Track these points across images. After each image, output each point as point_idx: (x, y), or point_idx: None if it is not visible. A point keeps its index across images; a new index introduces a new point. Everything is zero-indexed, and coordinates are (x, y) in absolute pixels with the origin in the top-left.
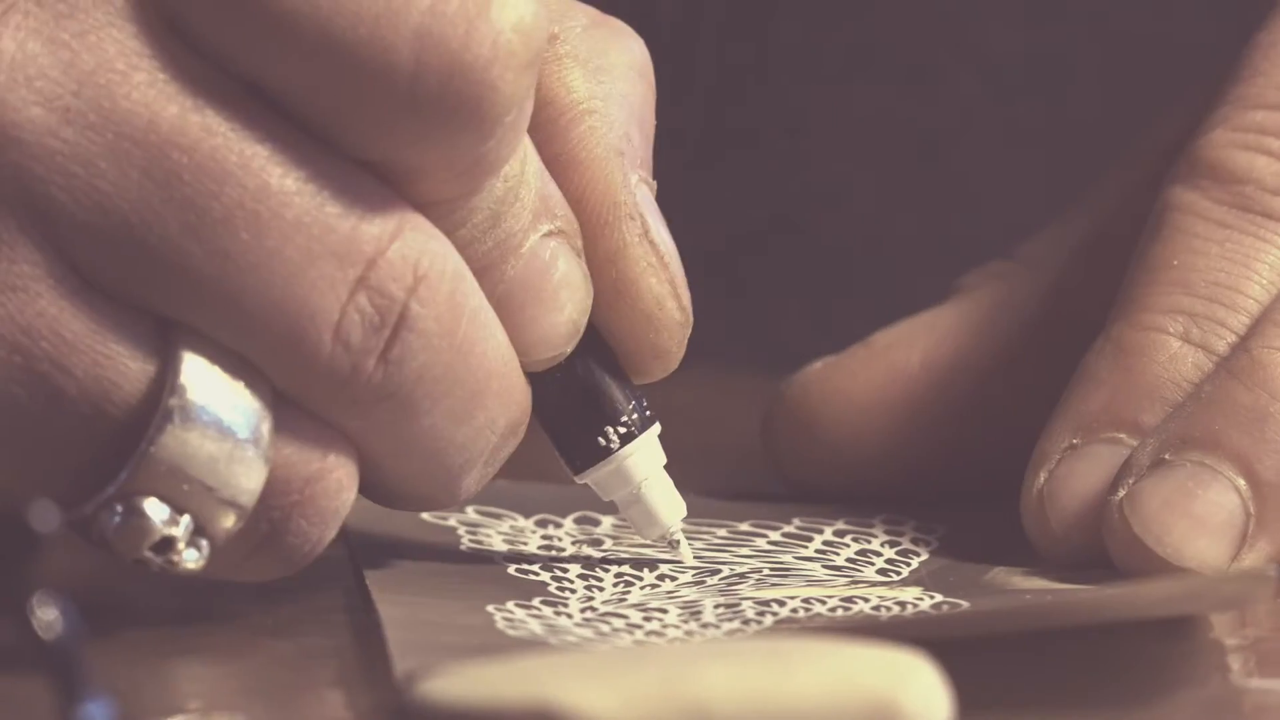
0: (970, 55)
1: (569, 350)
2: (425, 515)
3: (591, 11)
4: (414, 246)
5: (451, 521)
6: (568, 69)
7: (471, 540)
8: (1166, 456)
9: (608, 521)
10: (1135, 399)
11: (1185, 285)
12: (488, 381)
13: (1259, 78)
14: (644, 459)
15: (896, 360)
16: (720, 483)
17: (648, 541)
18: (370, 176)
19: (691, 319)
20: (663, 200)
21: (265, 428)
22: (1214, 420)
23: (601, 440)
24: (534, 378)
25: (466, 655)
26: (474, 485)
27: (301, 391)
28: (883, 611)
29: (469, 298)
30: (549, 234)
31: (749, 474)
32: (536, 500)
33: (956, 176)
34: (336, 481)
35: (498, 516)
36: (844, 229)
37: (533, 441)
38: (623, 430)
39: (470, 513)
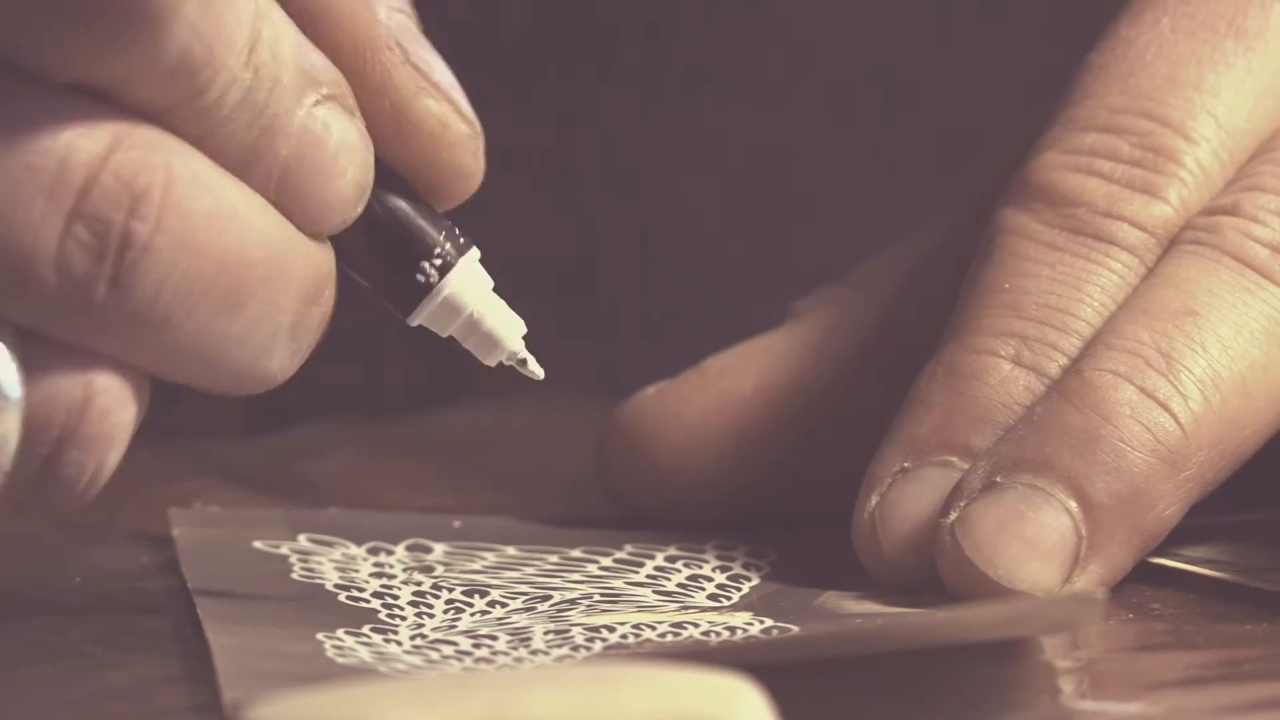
0: (811, 74)
1: (359, 210)
2: (257, 543)
3: None
4: (129, 165)
5: (284, 550)
6: None
7: (303, 568)
8: (998, 479)
9: (439, 549)
10: (966, 422)
11: (1016, 308)
12: (250, 270)
13: (1090, 99)
14: (468, 286)
15: (729, 385)
16: (553, 508)
17: (490, 364)
18: (75, 101)
19: (480, 131)
20: (507, 221)
21: (12, 369)
22: (1045, 442)
23: (420, 277)
24: (340, 235)
25: (295, 683)
26: (285, 362)
27: (44, 327)
28: (713, 637)
29: (199, 200)
30: (317, 103)
31: (582, 499)
32: (369, 528)
33: (798, 196)
34: (103, 406)
35: (330, 545)
36: (684, 249)
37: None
38: (438, 262)
39: (303, 541)
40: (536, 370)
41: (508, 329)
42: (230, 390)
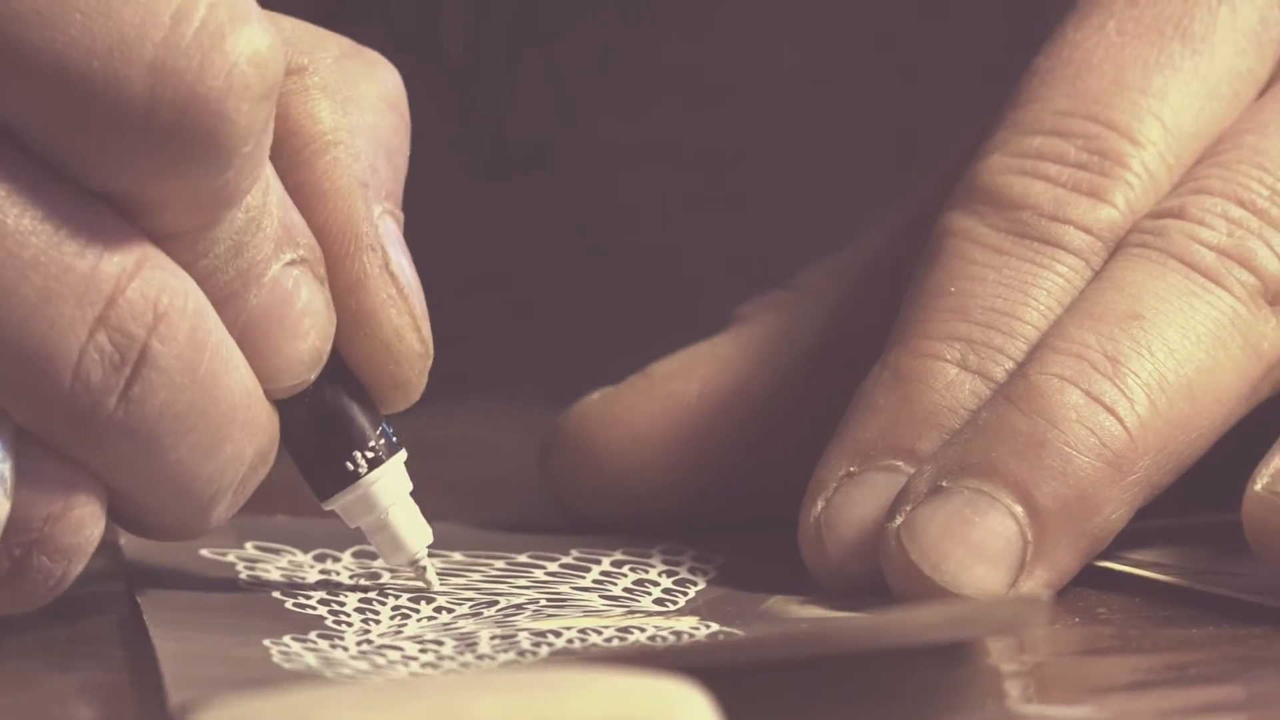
0: (758, 77)
1: (313, 377)
2: (204, 551)
3: (345, 43)
4: (154, 284)
5: (230, 557)
6: (315, 100)
7: (250, 575)
8: (944, 484)
9: None
10: (912, 426)
11: (962, 312)
12: (233, 414)
13: (1036, 103)
14: (390, 485)
15: (674, 390)
16: (498, 514)
17: (390, 564)
18: (108, 211)
19: (431, 351)
20: (453, 225)
21: (5, 468)
22: (991, 447)
23: (349, 465)
24: (281, 405)
25: (241, 688)
26: (224, 514)
27: (43, 430)
28: (659, 641)
29: (210, 333)
30: (291, 263)
31: (527, 505)
32: (315, 535)
33: (743, 201)
34: (79, 519)
35: (276, 552)
36: (627, 254)
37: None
38: (370, 455)
39: (249, 548)
40: (433, 582)
41: (415, 535)
42: (168, 532)
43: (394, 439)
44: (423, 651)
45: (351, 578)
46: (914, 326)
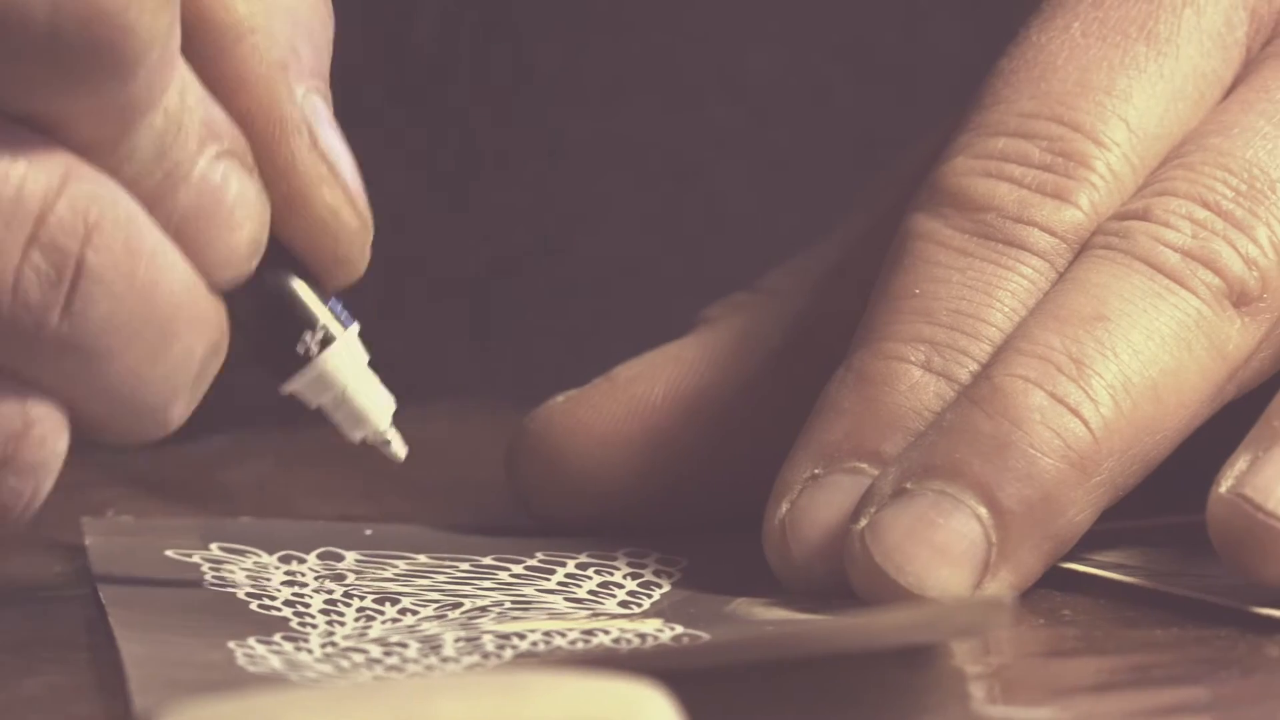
0: (726, 79)
1: (253, 266)
2: (169, 552)
3: None
4: (81, 196)
5: (196, 558)
6: None
7: (215, 577)
8: (908, 485)
9: (351, 557)
10: (877, 428)
11: (927, 314)
12: (176, 314)
13: (1001, 104)
14: (345, 361)
15: (639, 393)
16: (464, 516)
17: (353, 440)
18: (25, 131)
19: (370, 225)
20: (421, 227)
21: None
22: (955, 449)
23: (300, 348)
24: (227, 297)
25: (206, 691)
26: (183, 412)
27: None
28: (623, 644)
29: (144, 238)
30: (218, 156)
31: (493, 507)
32: (280, 537)
33: (710, 203)
34: (40, 435)
35: (242, 553)
36: (599, 256)
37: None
38: (319, 335)
39: (215, 550)
40: (399, 450)
41: (377, 407)
42: (129, 436)
43: (343, 315)
44: (387, 654)
45: (317, 579)
46: (878, 329)
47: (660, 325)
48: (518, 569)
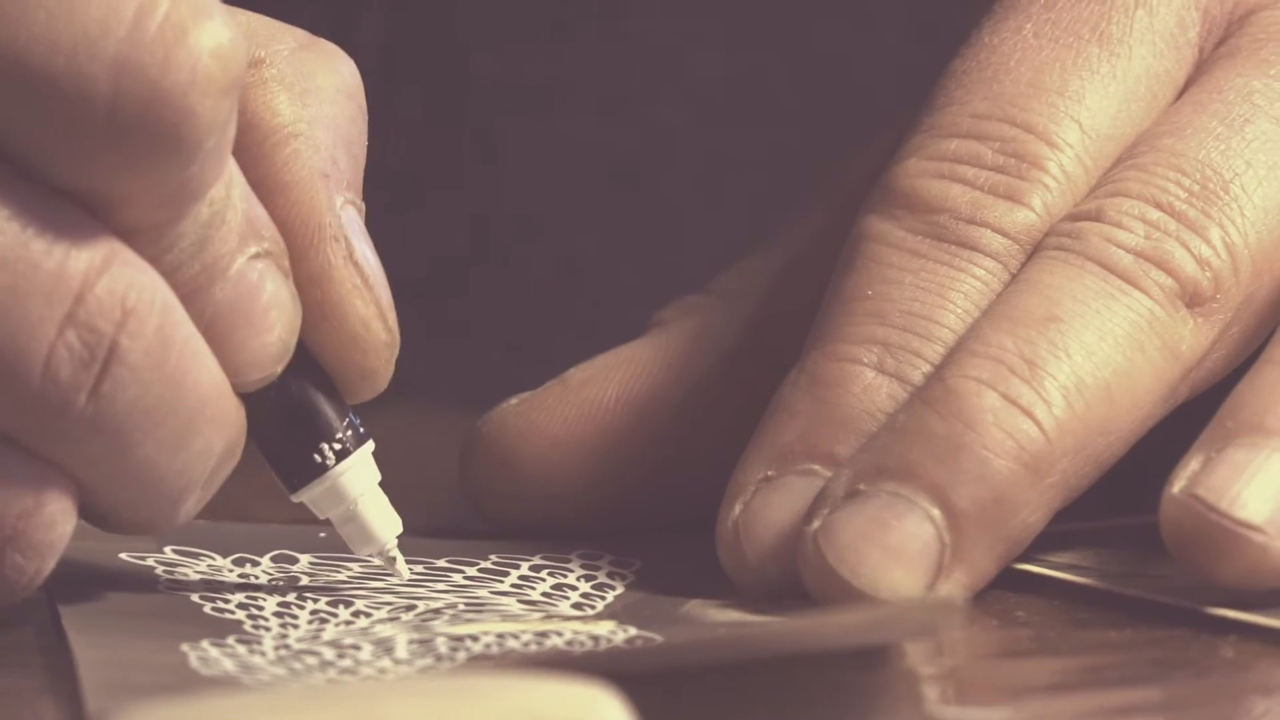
0: (670, 82)
1: (280, 370)
2: (123, 555)
3: (300, 34)
4: (122, 280)
5: (149, 561)
6: (273, 93)
7: (168, 580)
8: (861, 487)
9: (305, 559)
10: (830, 430)
11: (880, 315)
12: (201, 409)
13: (953, 106)
14: (358, 475)
15: (592, 396)
16: (418, 519)
17: (362, 558)
18: (74, 208)
19: (398, 340)
20: (368, 231)
21: None
22: (908, 450)
23: (317, 457)
24: (248, 398)
25: (159, 694)
26: (193, 508)
27: (13, 427)
28: (576, 646)
29: (178, 328)
30: (256, 256)
31: (447, 510)
32: (234, 539)
33: (659, 206)
34: (51, 515)
35: (195, 556)
36: (545, 261)
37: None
38: (337, 447)
39: (168, 552)
40: (403, 572)
41: (384, 525)
42: (136, 526)
43: (361, 429)
44: (340, 656)
45: (270, 582)
46: (831, 330)
47: (612, 328)
48: (471, 571)
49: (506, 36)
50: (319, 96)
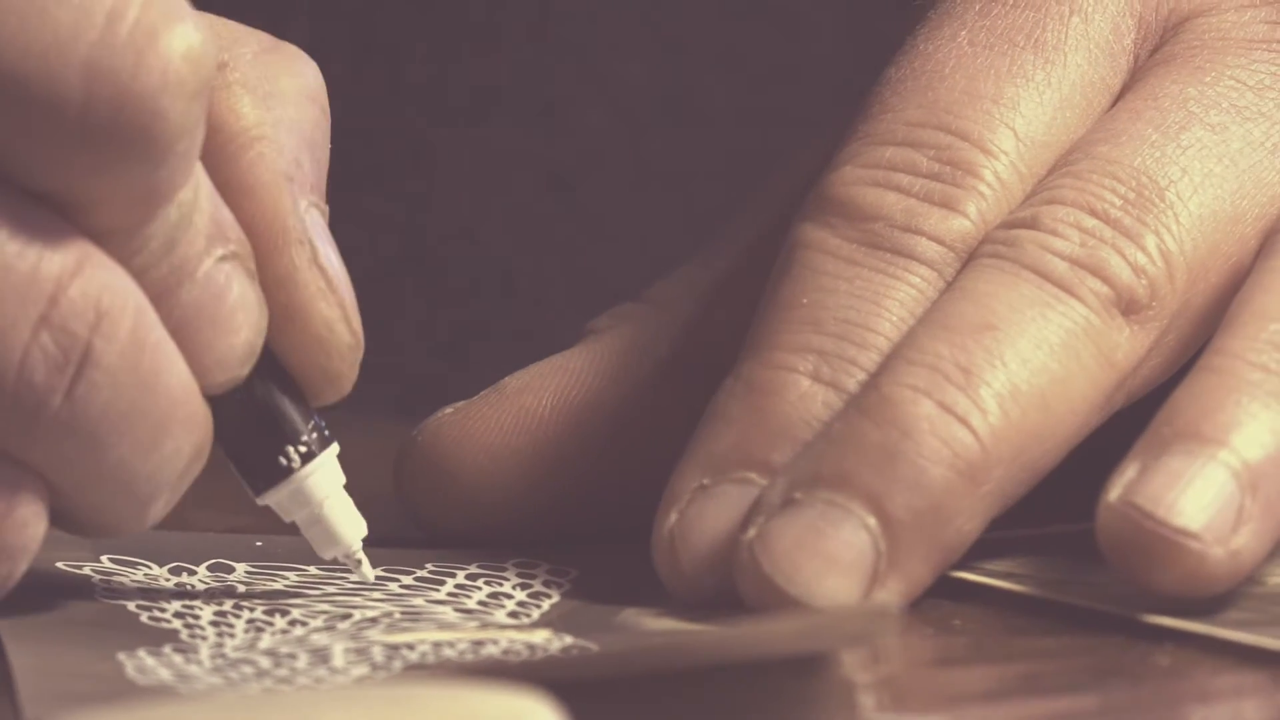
0: (600, 90)
1: (246, 372)
2: (60, 564)
3: (264, 37)
4: (95, 282)
5: (86, 570)
6: (237, 96)
7: (105, 588)
8: (797, 495)
9: (241, 568)
10: (765, 438)
11: (815, 323)
12: (172, 411)
13: (888, 113)
14: (324, 478)
15: (527, 404)
16: None
17: (324, 557)
18: (47, 211)
19: (362, 342)
20: None
21: None
22: (844, 458)
23: (283, 460)
24: (213, 400)
25: (95, 703)
26: (162, 510)
27: None
28: (512, 655)
29: (150, 330)
30: (223, 258)
31: (383, 519)
32: (171, 548)
33: (593, 214)
34: (23, 518)
35: (133, 565)
36: (479, 269)
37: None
38: (303, 450)
39: (105, 561)
40: (369, 574)
41: (350, 528)
42: (106, 529)
43: (326, 432)
44: (277, 665)
45: (207, 590)
46: (766, 338)
47: (547, 336)
48: (407, 580)
49: (434, 42)
50: (282, 100)
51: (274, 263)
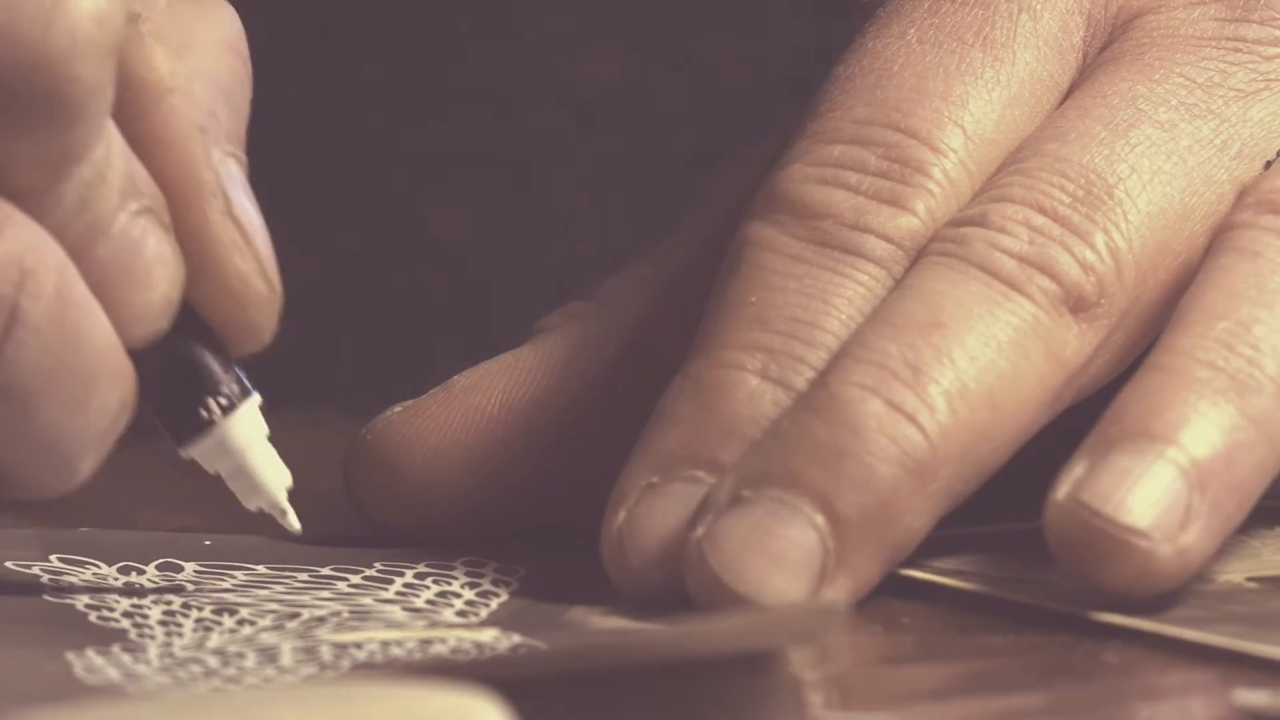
0: (558, 90)
1: (165, 326)
2: (8, 563)
3: None
4: (18, 242)
5: (35, 569)
6: (149, 48)
7: (54, 587)
8: (745, 494)
9: (190, 567)
10: (714, 436)
11: (763, 321)
12: (99, 367)
13: (836, 111)
14: (246, 430)
15: (475, 403)
16: (302, 526)
17: (250, 508)
18: None
19: (280, 293)
20: None
21: None
22: (792, 456)
23: (203, 412)
24: (134, 355)
25: (42, 703)
26: (91, 465)
27: None
28: (460, 653)
29: (74, 288)
30: (137, 212)
31: (331, 517)
32: (120, 548)
33: (543, 212)
34: None
35: (81, 564)
36: (429, 267)
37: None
38: (223, 402)
39: (54, 560)
40: (294, 524)
41: (274, 478)
42: (36, 489)
43: (247, 384)
44: (225, 665)
45: (155, 590)
46: (715, 337)
47: (495, 335)
48: (356, 579)
49: (391, 38)
50: (197, 50)
51: (188, 215)
